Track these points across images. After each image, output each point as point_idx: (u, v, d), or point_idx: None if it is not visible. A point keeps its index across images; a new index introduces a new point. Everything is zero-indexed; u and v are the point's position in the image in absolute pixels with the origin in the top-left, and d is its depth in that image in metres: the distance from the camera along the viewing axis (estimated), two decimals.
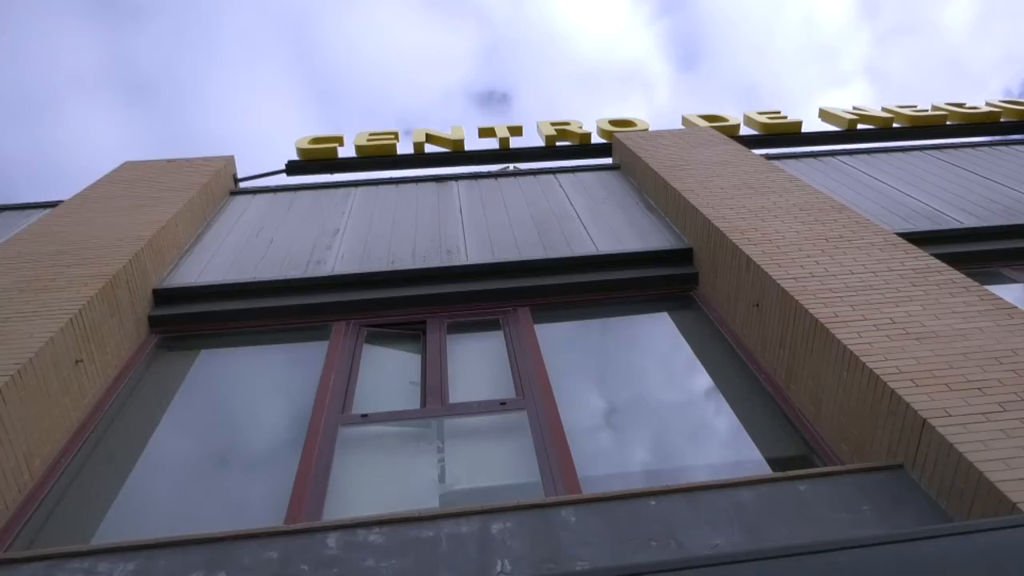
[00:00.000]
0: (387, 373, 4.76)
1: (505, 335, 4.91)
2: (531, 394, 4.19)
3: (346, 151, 8.23)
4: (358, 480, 3.72)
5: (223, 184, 7.36)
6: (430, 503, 3.53)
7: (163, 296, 5.23)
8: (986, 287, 4.06)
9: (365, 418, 4.07)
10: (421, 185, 7.41)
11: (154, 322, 5.10)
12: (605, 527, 2.85)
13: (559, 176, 7.50)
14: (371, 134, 8.42)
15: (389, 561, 2.65)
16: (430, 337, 4.88)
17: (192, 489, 3.79)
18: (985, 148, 7.99)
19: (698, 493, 2.98)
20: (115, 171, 7.34)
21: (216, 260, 5.75)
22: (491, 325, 5.07)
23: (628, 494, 2.97)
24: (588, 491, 3.34)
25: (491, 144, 8.36)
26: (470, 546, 2.75)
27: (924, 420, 2.92)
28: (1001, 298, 3.85)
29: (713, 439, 4.16)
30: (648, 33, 39.82)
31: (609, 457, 3.98)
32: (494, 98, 36.42)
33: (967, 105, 8.89)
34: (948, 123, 8.59)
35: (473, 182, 7.42)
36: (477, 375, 4.56)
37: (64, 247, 5.22)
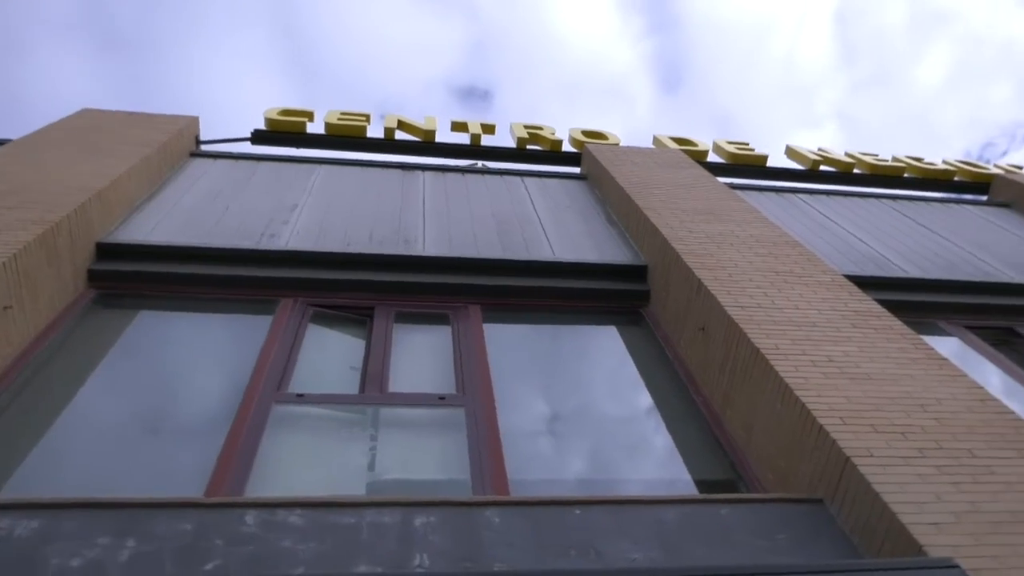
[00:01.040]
0: (329, 355, 4.70)
1: (453, 331, 4.89)
2: (471, 392, 4.18)
3: (315, 127, 8.11)
4: (286, 459, 3.66)
5: (184, 144, 7.18)
6: (356, 490, 3.49)
7: (106, 251, 5.08)
8: (922, 336, 4.19)
9: (300, 398, 4.01)
10: (387, 171, 7.35)
11: (94, 276, 4.94)
12: (528, 531, 2.86)
13: (526, 179, 7.51)
14: (342, 113, 8.31)
15: (307, 544, 2.61)
16: (377, 324, 4.84)
17: (111, 451, 3.68)
18: (937, 204, 8.27)
19: (622, 507, 3.01)
20: (72, 116, 7.10)
21: (167, 221, 5.61)
22: (440, 319, 5.04)
23: (554, 501, 2.98)
24: (516, 494, 3.34)
25: (462, 139, 8.33)
26: (390, 537, 2.73)
27: (847, 458, 3.00)
28: (934, 349, 3.98)
29: (644, 455, 4.21)
30: (635, 50, 40.25)
31: (541, 462, 3.99)
32: (475, 94, 36.33)
33: (925, 160, 9.19)
34: (905, 175, 8.87)
35: (440, 174, 7.39)
36: (419, 367, 4.53)
37: (8, 188, 5.02)
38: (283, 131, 7.86)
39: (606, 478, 3.94)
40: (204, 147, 7.50)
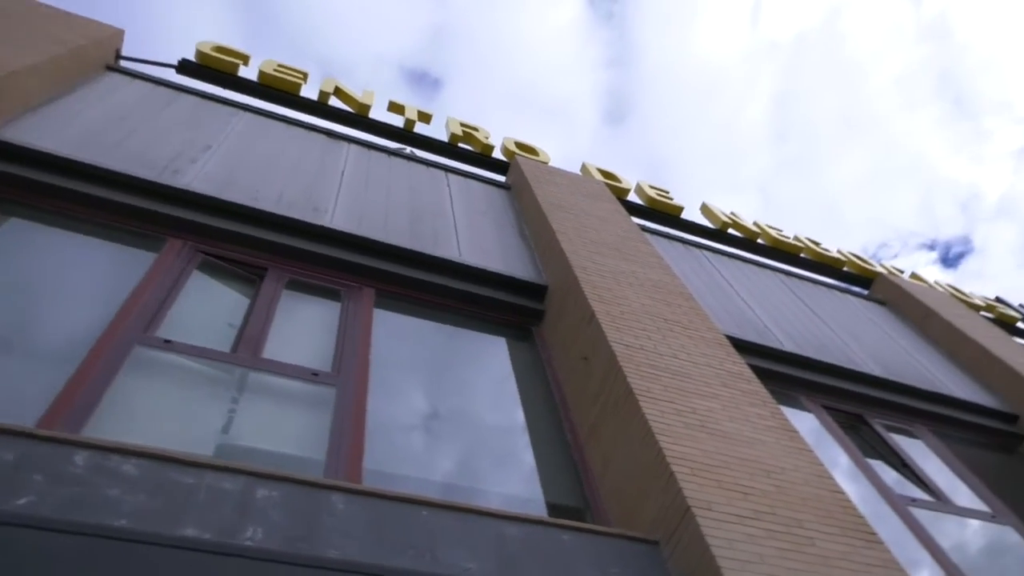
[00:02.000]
0: (208, 307, 4.51)
1: (342, 309, 4.80)
2: (347, 374, 4.11)
3: (248, 73, 7.79)
4: (136, 405, 3.48)
5: (102, 55, 6.73)
6: (204, 451, 3.35)
7: None
8: (781, 407, 4.44)
9: (167, 344, 3.83)
10: (312, 134, 7.15)
11: None
12: (371, 523, 2.83)
13: (450, 176, 7.49)
14: (280, 65, 8.02)
15: (135, 496, 2.49)
16: (266, 286, 4.69)
17: None
18: (824, 288, 8.81)
19: (470, 516, 3.03)
20: None
21: (63, 130, 5.24)
22: (332, 294, 4.94)
23: (403, 497, 2.97)
24: (368, 484, 3.30)
25: (396, 120, 8.21)
26: (227, 504, 2.64)
27: (689, 507, 3.14)
28: (788, 421, 4.23)
29: (504, 469, 4.25)
30: (589, 77, 40.97)
31: (401, 458, 3.96)
32: (425, 81, 35.94)
33: (822, 246, 9.78)
34: (802, 255, 9.40)
35: (365, 151, 7.25)
36: (299, 339, 4.42)
37: None
38: (212, 68, 7.51)
39: (461, 485, 3.95)
40: (123, 63, 7.07)
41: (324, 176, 6.22)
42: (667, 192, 9.14)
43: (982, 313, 9.73)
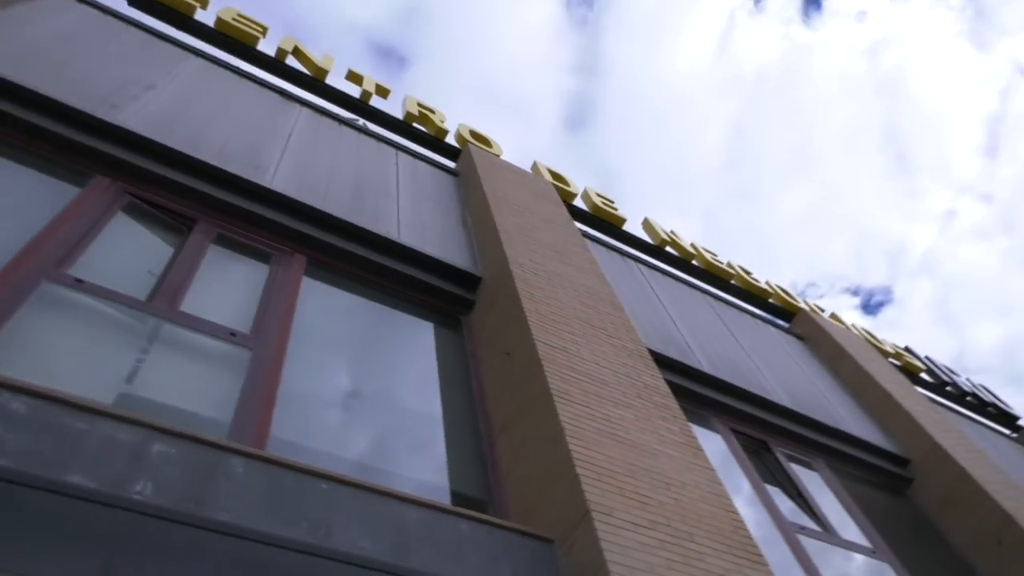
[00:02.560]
0: (129, 251, 4.34)
1: (270, 272, 4.69)
2: (265, 339, 4.02)
3: (204, 17, 7.51)
4: (36, 341, 3.32)
5: None
6: (103, 398, 3.22)
7: None
8: (691, 425, 4.56)
9: (79, 283, 3.66)
10: (264, 91, 6.96)
11: None
12: (268, 491, 2.78)
13: (400, 155, 7.40)
14: (239, 15, 7.77)
15: (19, 435, 2.38)
16: (193, 238, 4.54)
17: None
18: (748, 316, 9.09)
19: (370, 494, 3.01)
20: None
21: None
22: (261, 256, 4.82)
23: (305, 469, 2.93)
24: (271, 452, 3.24)
25: (353, 90, 8.05)
26: (120, 455, 2.55)
27: (589, 510, 3.19)
28: (696, 439, 4.35)
29: (413, 455, 4.24)
30: (555, 80, 41.14)
31: (309, 430, 3.90)
32: (391, 56, 35.38)
33: (752, 276, 10.08)
34: (732, 282, 9.66)
35: (317, 116, 7.10)
36: (221, 297, 4.30)
37: None
38: (167, 5, 7.21)
39: (367, 464, 3.91)
40: None
41: (270, 135, 6.06)
42: (613, 202, 9.26)
43: (890, 360, 10.19)
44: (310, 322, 4.49)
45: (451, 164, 8.05)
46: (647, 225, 9.58)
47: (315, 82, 7.71)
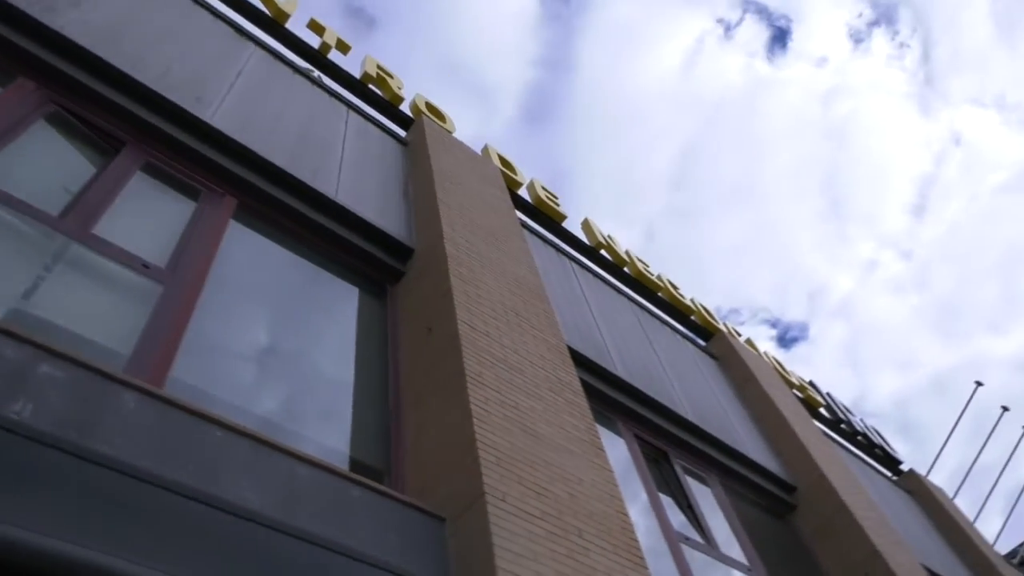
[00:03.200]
0: (47, 163, 4.11)
1: (197, 209, 4.51)
2: (180, 276, 3.87)
3: None
4: None
5: None
6: None
7: None
8: (597, 425, 4.64)
9: None
10: (219, 23, 6.67)
11: None
12: (158, 429, 2.68)
13: (351, 114, 7.23)
14: None
15: None
16: (119, 161, 4.32)
17: None
18: (668, 330, 9.29)
19: (265, 448, 2.94)
20: None
21: None
22: (190, 192, 4.64)
23: (200, 413, 2.84)
24: (168, 391, 3.12)
25: (313, 40, 7.82)
26: (2, 372, 2.41)
27: (484, 493, 3.21)
28: (599, 439, 4.42)
29: (317, 417, 4.16)
30: (520, 71, 41.03)
31: (212, 376, 3.78)
32: (360, 16, 34.54)
33: (680, 291, 10.31)
34: (659, 294, 9.86)
35: (271, 59, 6.86)
36: (139, 226, 4.11)
37: None
38: None
39: (267, 418, 3.82)
40: None
41: (219, 69, 5.82)
42: (556, 198, 9.30)
43: (795, 391, 10.62)
44: (231, 267, 4.35)
45: (402, 133, 7.92)
46: (586, 226, 9.67)
47: (274, 24, 7.45)
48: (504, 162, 8.81)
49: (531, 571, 2.98)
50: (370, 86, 7.96)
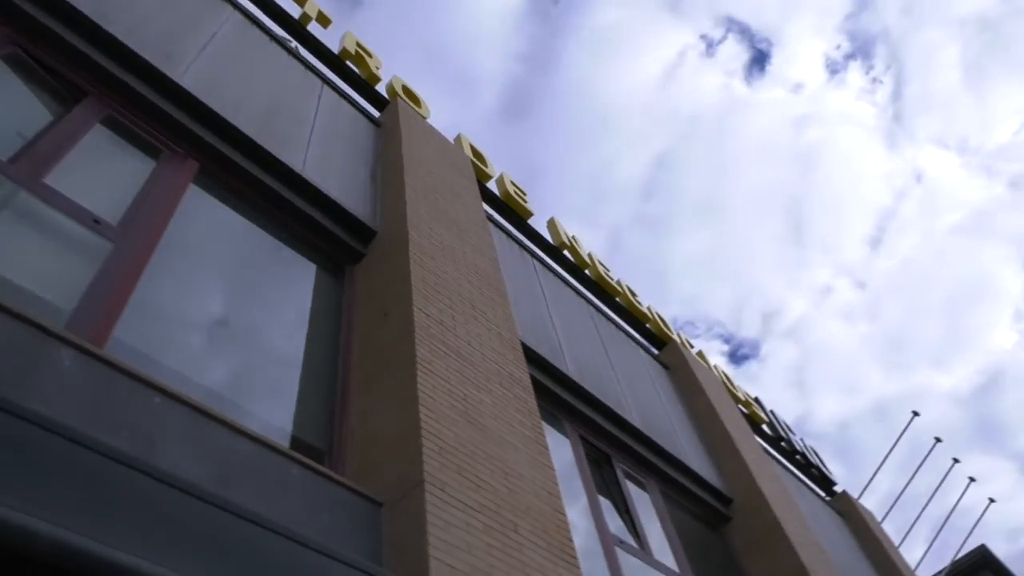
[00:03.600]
0: (2, 105, 3.96)
1: (156, 169, 4.40)
2: (132, 236, 3.77)
3: None
4: None
5: None
6: None
7: None
8: (544, 424, 4.66)
9: None
10: None
11: None
12: (96, 391, 2.61)
13: (325, 88, 7.12)
14: None
15: None
16: (79, 111, 4.19)
17: None
18: (623, 335, 9.38)
19: (205, 419, 2.89)
20: None
21: None
22: (151, 150, 4.52)
23: (140, 377, 2.77)
24: (108, 352, 3.04)
25: (293, 10, 7.68)
26: None
27: (423, 480, 3.20)
28: (544, 437, 4.44)
29: (261, 391, 4.10)
30: (503, 64, 40.93)
31: (156, 342, 3.68)
32: None
33: (637, 298, 10.42)
34: (617, 299, 9.95)
35: (247, 23, 6.71)
36: (94, 180, 3.99)
37: None
38: None
39: (210, 389, 3.74)
40: None
41: (192, 32, 5.67)
42: (525, 195, 9.30)
43: (740, 407, 10.82)
44: (186, 231, 4.25)
45: (376, 114, 7.83)
46: (552, 225, 9.69)
47: None
48: (476, 153, 8.79)
49: (464, 562, 2.98)
50: (348, 63, 7.86)
